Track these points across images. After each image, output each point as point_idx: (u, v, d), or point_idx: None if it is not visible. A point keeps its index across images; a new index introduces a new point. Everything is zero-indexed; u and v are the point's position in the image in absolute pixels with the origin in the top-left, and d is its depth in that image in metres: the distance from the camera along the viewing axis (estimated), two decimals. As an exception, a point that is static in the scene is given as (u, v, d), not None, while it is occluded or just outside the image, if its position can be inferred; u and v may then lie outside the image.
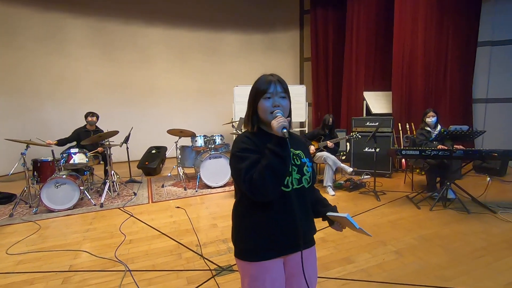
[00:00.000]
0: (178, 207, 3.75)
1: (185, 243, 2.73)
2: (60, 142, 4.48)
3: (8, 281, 2.22)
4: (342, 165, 4.26)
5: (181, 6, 7.31)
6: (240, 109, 6.33)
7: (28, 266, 2.41)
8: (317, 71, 7.33)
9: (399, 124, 5.57)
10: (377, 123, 4.91)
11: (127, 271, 2.28)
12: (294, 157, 1.14)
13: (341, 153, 5.68)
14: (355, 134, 4.34)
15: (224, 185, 4.54)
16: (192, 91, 7.63)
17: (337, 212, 1.21)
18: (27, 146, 3.80)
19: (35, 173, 4.05)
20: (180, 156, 4.97)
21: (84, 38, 6.66)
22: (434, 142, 3.69)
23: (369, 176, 4.90)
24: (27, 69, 6.16)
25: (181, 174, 4.90)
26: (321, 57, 7.23)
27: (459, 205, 3.43)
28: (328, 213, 1.21)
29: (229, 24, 7.76)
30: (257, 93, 1.11)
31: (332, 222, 1.24)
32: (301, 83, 8.06)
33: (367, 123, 5.07)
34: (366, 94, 6.23)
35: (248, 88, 1.17)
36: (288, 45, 8.14)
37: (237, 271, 2.17)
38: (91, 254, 2.58)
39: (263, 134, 1.13)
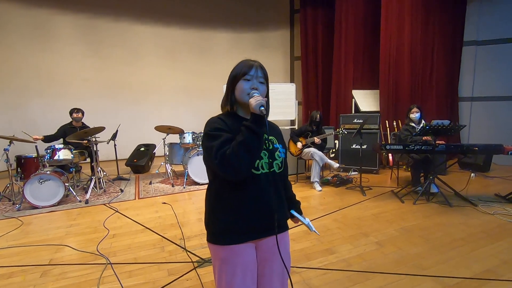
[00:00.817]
0: (164, 203, 3.74)
1: (169, 236, 2.72)
2: (47, 138, 4.42)
3: (-15, 275, 2.18)
4: (329, 161, 4.30)
5: (172, 4, 7.29)
6: (230, 107, 6.30)
7: (7, 260, 2.38)
8: (307, 69, 7.38)
9: (387, 121, 5.65)
10: (361, 120, 4.96)
11: (108, 264, 2.26)
12: (267, 141, 1.14)
13: (330, 150, 5.73)
14: (341, 130, 4.38)
15: (212, 182, 4.53)
16: (182, 89, 7.60)
17: (300, 213, 1.29)
18: (10, 142, 3.74)
19: (19, 170, 3.99)
20: (168, 153, 4.95)
21: (73, 35, 6.59)
22: (418, 137, 3.75)
23: (356, 173, 4.95)
24: (15, 66, 6.07)
25: (169, 171, 4.88)
26: (311, 56, 7.29)
27: (441, 198, 3.50)
28: (292, 211, 1.26)
29: (220, 22, 7.76)
30: (237, 75, 1.11)
31: (292, 216, 1.27)
32: (291, 81, 8.11)
33: (355, 120, 5.12)
34: (355, 92, 6.30)
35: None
36: (279, 44, 8.19)
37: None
38: (72, 248, 2.55)
39: (237, 118, 1.13)
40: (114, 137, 4.84)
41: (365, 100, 6.25)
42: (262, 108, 1.01)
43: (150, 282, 2.01)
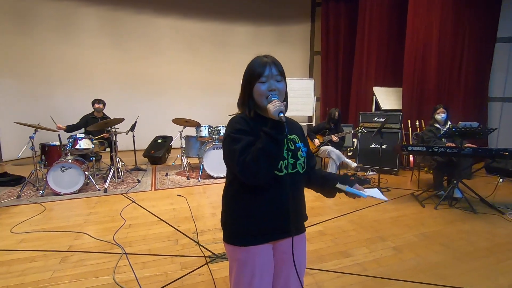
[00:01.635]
0: (179, 196, 3.78)
1: (183, 230, 2.75)
2: (69, 128, 4.57)
3: (10, 257, 2.29)
4: (347, 160, 4.19)
5: (192, -4, 7.29)
6: (247, 102, 6.28)
7: (30, 244, 2.48)
8: (327, 65, 7.21)
9: (409, 121, 5.42)
10: (384, 119, 4.79)
11: (123, 254, 2.31)
12: (289, 141, 1.11)
13: (348, 149, 5.60)
14: (360, 129, 4.25)
15: (227, 176, 4.53)
16: (199, 82, 7.63)
17: (349, 184, 1.12)
18: (36, 130, 3.89)
19: (43, 157, 4.15)
20: (184, 146, 5.00)
21: (96, 28, 6.74)
22: (443, 139, 3.58)
23: (374, 173, 4.81)
24: (41, 56, 6.29)
25: (185, 163, 4.93)
26: (332, 51, 7.10)
27: (465, 204, 3.33)
28: (337, 185, 1.11)
29: (240, 16, 7.69)
30: (252, 76, 1.07)
31: (340, 190, 1.14)
32: (310, 77, 7.95)
33: (375, 119, 4.96)
34: (376, 90, 6.09)
35: None
36: (298, 38, 8.02)
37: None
38: (90, 236, 2.63)
39: (259, 118, 1.10)
40: (132, 128, 4.94)
41: (387, 98, 6.03)
42: (281, 115, 0.98)
43: (163, 274, 2.04)
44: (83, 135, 4.07)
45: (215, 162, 4.47)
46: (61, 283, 1.95)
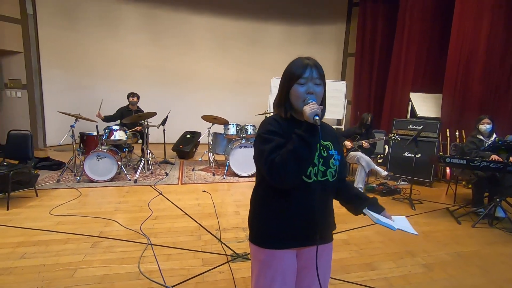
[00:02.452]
0: (204, 191, 3.85)
1: (206, 226, 2.79)
2: (106, 118, 4.83)
3: (48, 237, 2.46)
4: (377, 167, 4.02)
5: (227, -5, 7.38)
6: (276, 102, 6.25)
7: (66, 227, 2.65)
8: (361, 67, 6.96)
9: (447, 130, 5.08)
10: (420, 127, 4.53)
11: (149, 244, 2.39)
12: (322, 148, 1.08)
13: (378, 156, 5.37)
14: (394, 136, 4.05)
15: (252, 175, 4.55)
16: (230, 80, 7.72)
17: (378, 210, 1.16)
18: (76, 120, 4.16)
19: (81, 145, 4.42)
20: (212, 143, 5.08)
21: (136, 24, 7.05)
22: (486, 152, 3.30)
23: (406, 183, 4.57)
24: (85, 50, 6.71)
25: (211, 160, 5.01)
26: (367, 52, 6.84)
27: (508, 225, 3.05)
28: (365, 210, 1.15)
29: (273, 14, 7.66)
30: (291, 77, 1.05)
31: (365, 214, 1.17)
32: (342, 79, 7.73)
33: (410, 126, 4.70)
34: (413, 95, 5.78)
35: None
36: (332, 38, 7.83)
37: (252, 259, 2.16)
38: (120, 224, 2.75)
39: (293, 121, 1.08)
40: (164, 122, 5.11)
41: (424, 105, 5.70)
42: (317, 118, 0.95)
43: (185, 268, 2.08)
44: (118, 127, 4.27)
45: (241, 160, 4.50)
46: (91, 266, 2.06)
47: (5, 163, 3.25)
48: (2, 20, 5.47)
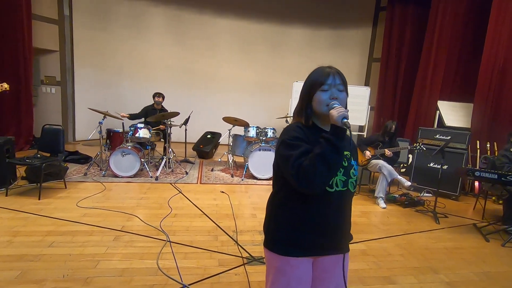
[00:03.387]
0: (222, 192, 3.89)
1: (223, 227, 2.82)
2: (132, 116, 5.01)
3: (74, 228, 2.59)
4: (399, 177, 3.89)
5: (252, -2, 7.45)
6: (297, 105, 6.21)
7: (91, 219, 2.77)
8: (386, 73, 6.78)
9: (478, 141, 4.82)
10: (448, 137, 4.34)
11: (167, 241, 2.45)
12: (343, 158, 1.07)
13: (401, 165, 5.20)
14: (419, 146, 3.91)
15: (270, 178, 4.54)
16: (251, 82, 7.77)
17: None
18: (104, 117, 4.35)
19: (107, 141, 4.62)
20: (231, 144, 5.13)
21: (163, 26, 7.28)
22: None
23: (430, 195, 4.39)
24: (114, 49, 7.01)
25: (230, 161, 5.06)
26: (393, 58, 6.65)
27: (542, 246, 2.86)
28: None
29: (296, 18, 7.63)
30: (314, 85, 1.05)
31: None
32: (366, 84, 7.56)
33: (437, 136, 4.51)
34: (441, 104, 5.54)
35: None
36: (357, 43, 7.67)
37: (267, 264, 2.17)
38: (140, 219, 2.84)
39: (316, 129, 1.08)
40: (186, 122, 5.22)
41: (453, 114, 5.45)
42: (345, 120, 0.94)
43: (202, 268, 2.11)
44: (142, 125, 4.42)
45: (259, 163, 4.51)
46: (113, 259, 2.14)
47: (39, 155, 3.46)
48: (41, 21, 5.82)
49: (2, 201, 3.07)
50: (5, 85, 3.10)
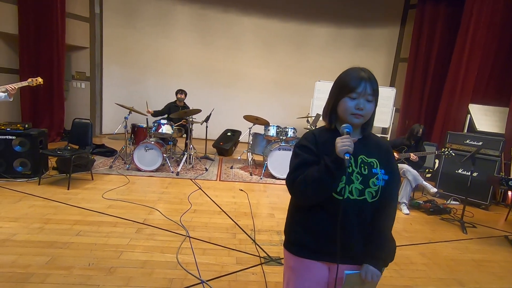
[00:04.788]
0: (241, 190, 3.91)
1: (241, 225, 2.84)
2: (155, 113, 5.15)
3: (99, 219, 2.70)
4: (425, 183, 3.74)
5: (277, -3, 7.41)
6: (319, 105, 6.13)
7: (115, 211, 2.88)
8: (413, 73, 6.51)
9: (512, 148, 4.54)
10: (480, 143, 4.11)
11: (187, 236, 2.50)
12: (363, 165, 1.04)
13: (426, 170, 4.99)
14: (447, 151, 3.73)
15: (289, 179, 4.51)
16: (273, 81, 7.74)
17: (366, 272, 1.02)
18: (130, 112, 4.49)
19: (132, 136, 4.77)
20: (251, 142, 5.15)
21: (188, 24, 7.41)
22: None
23: (457, 203, 4.19)
24: (142, 47, 7.23)
25: (249, 159, 5.08)
26: (421, 58, 6.38)
27: None
28: (346, 272, 1.02)
29: (321, 17, 7.50)
30: (343, 89, 1.02)
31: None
32: (391, 85, 7.31)
33: (467, 141, 4.29)
34: (472, 107, 5.25)
35: (330, 84, 1.09)
36: (383, 42, 7.42)
37: (285, 265, 2.16)
38: (161, 213, 2.92)
39: (334, 134, 1.03)
40: (207, 119, 5.29)
41: (486, 118, 5.15)
42: (347, 157, 0.91)
43: (219, 265, 2.14)
44: (165, 121, 4.53)
45: (278, 162, 4.49)
46: (135, 251, 2.21)
47: (68, 147, 3.63)
48: (74, 19, 6.10)
49: (35, 190, 3.26)
50: (39, 79, 3.27)
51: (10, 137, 3.47)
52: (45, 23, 5.41)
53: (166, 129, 4.46)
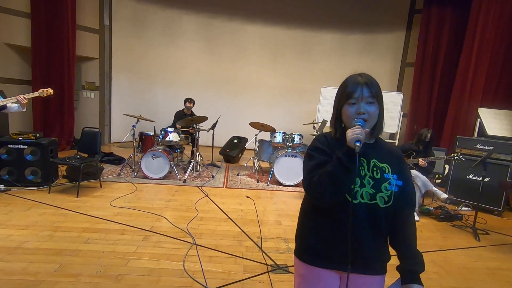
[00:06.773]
0: (248, 197, 3.90)
1: (248, 232, 2.82)
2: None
3: (107, 226, 2.73)
4: (435, 189, 3.67)
5: (281, 5, 7.46)
6: (325, 111, 6.11)
7: (123, 218, 2.91)
8: (420, 78, 6.45)
9: (525, 153, 4.42)
10: (491, 147, 4.03)
11: (193, 244, 2.50)
12: (376, 169, 1.03)
13: (436, 176, 4.90)
14: (457, 156, 3.66)
15: (295, 185, 4.49)
16: (279, 88, 7.77)
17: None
18: (137, 120, 4.56)
19: (140, 144, 4.83)
20: (258, 149, 5.15)
21: (195, 33, 7.54)
22: None
23: (469, 209, 4.09)
24: (151, 57, 7.37)
25: (256, 166, 5.08)
26: (428, 62, 6.33)
27: None
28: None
29: (326, 22, 7.54)
30: (342, 97, 1.03)
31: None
32: (398, 90, 7.25)
33: (477, 145, 4.21)
34: (482, 111, 5.15)
35: (336, 90, 1.11)
36: (389, 47, 7.40)
37: (292, 273, 2.13)
38: (168, 221, 2.93)
39: (343, 141, 1.02)
40: (213, 126, 5.33)
41: (496, 122, 5.04)
42: (358, 144, 0.91)
43: (226, 272, 2.13)
44: (172, 129, 4.58)
45: (285, 169, 4.47)
46: (142, 259, 2.22)
47: (78, 156, 3.70)
48: (84, 31, 6.27)
49: (46, 198, 3.32)
50: (50, 90, 3.36)
51: (22, 146, 3.56)
52: (57, 35, 5.58)
53: (173, 136, 4.50)
